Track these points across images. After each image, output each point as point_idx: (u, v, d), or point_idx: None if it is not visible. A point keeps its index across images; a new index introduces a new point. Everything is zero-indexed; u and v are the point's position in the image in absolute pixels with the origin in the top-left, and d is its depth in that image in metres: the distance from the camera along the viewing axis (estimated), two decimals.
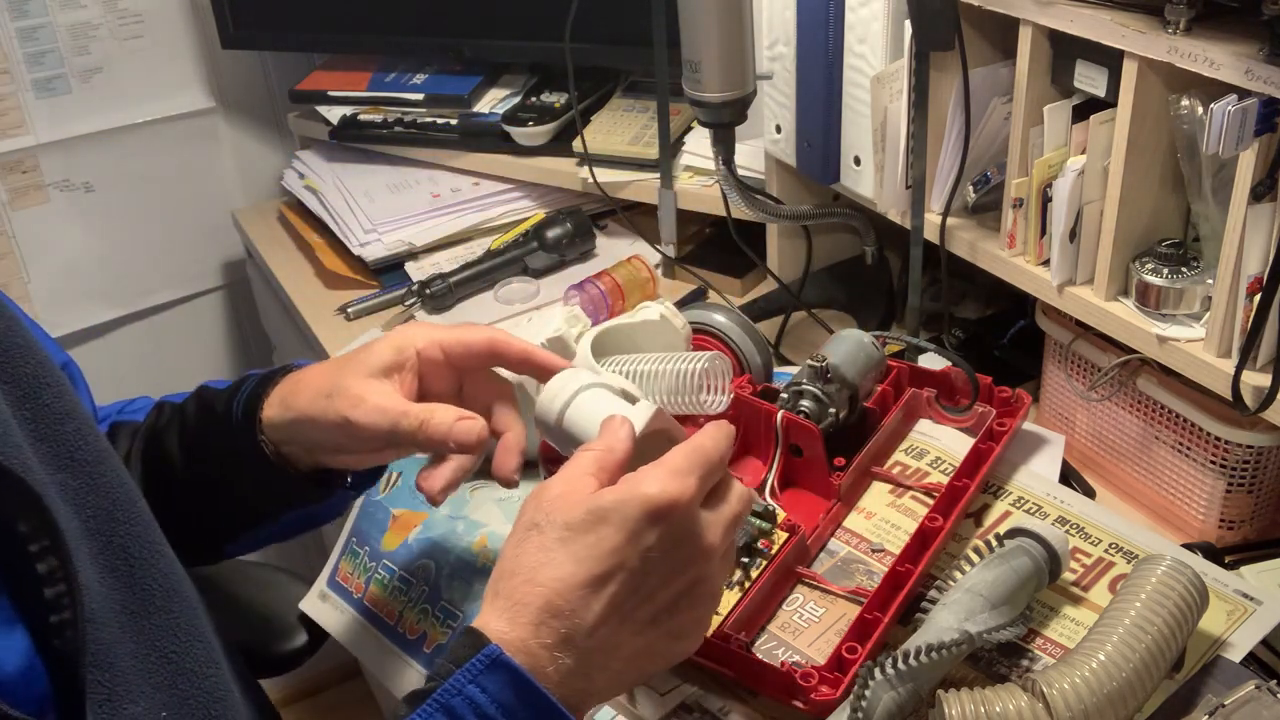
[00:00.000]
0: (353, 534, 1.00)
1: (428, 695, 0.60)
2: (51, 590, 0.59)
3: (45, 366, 0.67)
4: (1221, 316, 0.85)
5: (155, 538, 0.70)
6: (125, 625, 0.65)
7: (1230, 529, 0.95)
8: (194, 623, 0.71)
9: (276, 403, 0.80)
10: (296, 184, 1.59)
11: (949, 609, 0.77)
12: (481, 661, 0.59)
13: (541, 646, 0.60)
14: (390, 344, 0.79)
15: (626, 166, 1.40)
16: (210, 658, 0.71)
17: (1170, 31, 0.81)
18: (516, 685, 0.59)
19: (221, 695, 0.71)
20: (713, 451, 0.65)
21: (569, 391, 0.75)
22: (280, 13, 1.60)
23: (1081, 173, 0.91)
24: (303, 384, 0.79)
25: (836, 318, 1.28)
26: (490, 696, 0.58)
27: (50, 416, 0.65)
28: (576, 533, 0.61)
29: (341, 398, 0.76)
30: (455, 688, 0.59)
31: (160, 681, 0.67)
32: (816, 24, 1.07)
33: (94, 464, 0.67)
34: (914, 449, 0.98)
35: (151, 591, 0.68)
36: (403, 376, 0.78)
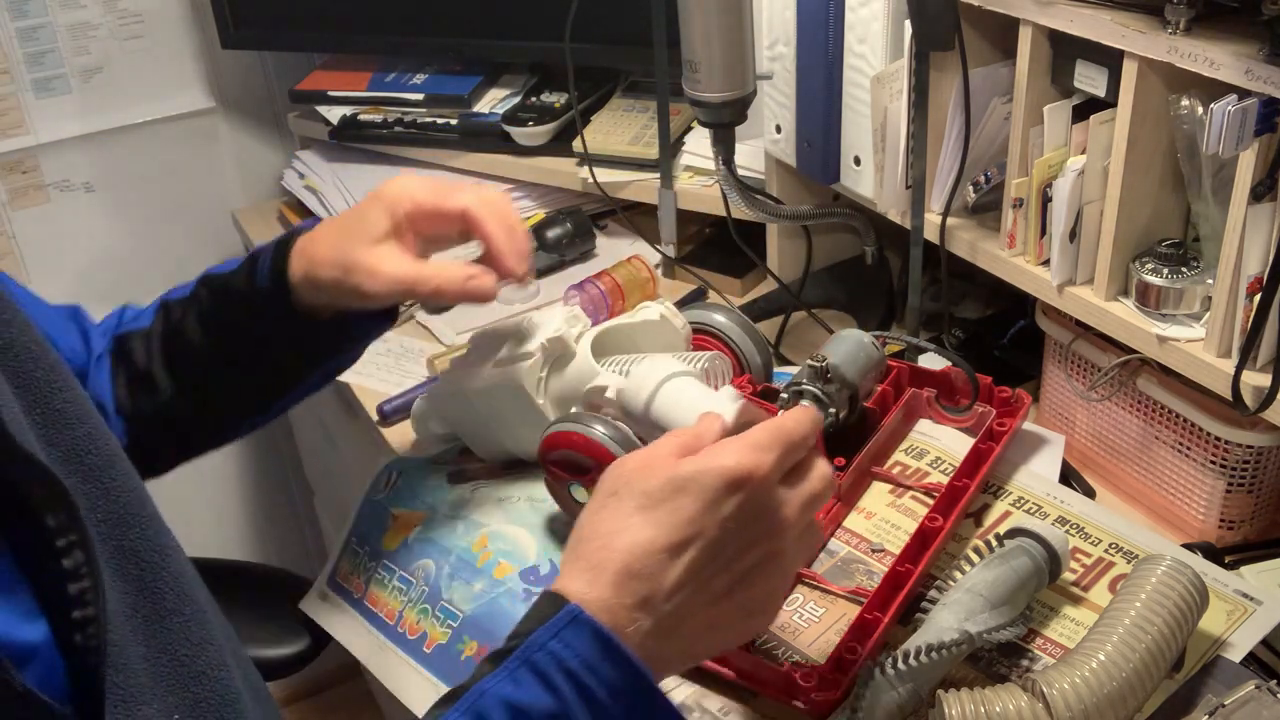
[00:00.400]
0: (353, 534, 1.00)
1: (509, 653, 0.60)
2: (76, 586, 0.60)
3: (57, 370, 0.67)
4: (1221, 316, 0.85)
5: (166, 541, 0.71)
6: (137, 628, 0.66)
7: (1230, 529, 0.95)
8: (205, 626, 0.71)
9: (300, 274, 0.86)
10: (296, 184, 1.59)
11: (949, 609, 0.77)
12: (563, 619, 0.59)
13: (621, 607, 0.60)
14: (382, 209, 0.85)
15: (626, 166, 1.40)
16: (220, 660, 0.71)
17: (1170, 31, 0.81)
18: (597, 642, 0.59)
19: (233, 698, 0.71)
20: (794, 431, 0.65)
21: (655, 379, 0.77)
22: (280, 13, 1.60)
23: (1081, 173, 0.91)
24: (319, 257, 0.85)
25: (836, 318, 1.28)
26: (573, 651, 0.58)
27: (61, 420, 0.66)
28: (655, 501, 0.62)
29: (357, 272, 0.83)
30: (537, 643, 0.59)
31: (172, 684, 0.67)
32: (816, 24, 1.07)
33: (104, 468, 0.67)
34: (914, 449, 0.98)
35: (163, 594, 0.69)
36: (403, 237, 0.85)
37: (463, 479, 1.00)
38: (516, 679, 0.59)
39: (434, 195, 0.86)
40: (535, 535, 0.92)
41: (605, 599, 0.60)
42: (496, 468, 1.01)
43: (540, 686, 0.58)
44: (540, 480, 0.90)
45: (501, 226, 0.86)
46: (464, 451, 1.04)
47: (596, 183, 1.39)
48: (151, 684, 0.65)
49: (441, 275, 0.84)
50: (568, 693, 0.58)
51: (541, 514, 0.94)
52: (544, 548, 0.91)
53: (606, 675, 0.58)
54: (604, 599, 0.60)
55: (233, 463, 1.97)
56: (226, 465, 1.97)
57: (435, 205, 0.85)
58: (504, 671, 0.59)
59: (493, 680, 0.59)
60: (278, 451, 1.99)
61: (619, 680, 0.59)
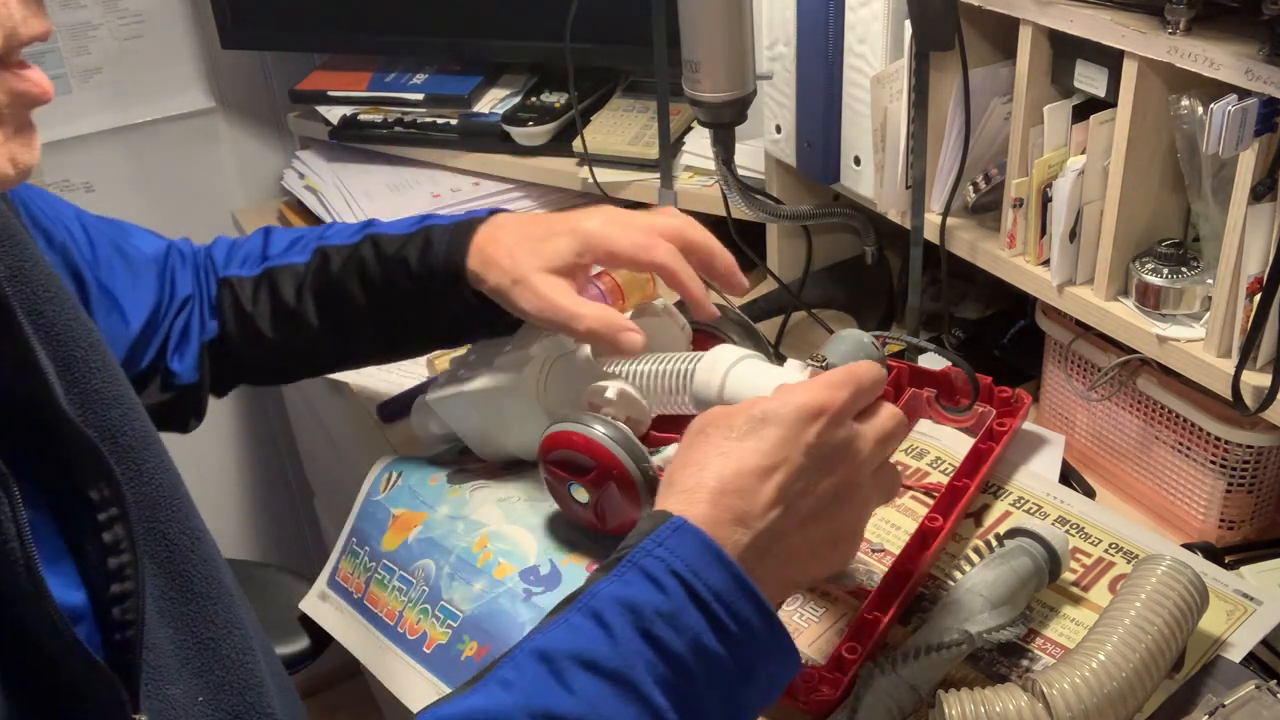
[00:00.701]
0: (353, 534, 1.00)
1: (618, 562, 0.62)
2: (116, 560, 0.63)
3: (96, 350, 0.69)
4: (1221, 316, 0.85)
5: (196, 524, 0.73)
6: (165, 610, 0.68)
7: (1230, 529, 0.95)
8: (231, 610, 0.73)
9: (473, 268, 0.90)
10: (296, 184, 1.59)
11: (949, 609, 0.77)
12: (668, 528, 0.62)
13: (719, 522, 0.63)
14: (573, 244, 0.89)
15: (626, 166, 1.40)
16: (246, 645, 0.73)
17: (1170, 31, 0.81)
18: (702, 547, 0.61)
19: (256, 683, 0.73)
20: (864, 376, 0.69)
21: (725, 364, 0.81)
22: (280, 13, 1.60)
23: (1081, 173, 0.91)
24: (495, 260, 0.89)
25: (836, 318, 1.28)
26: (679, 556, 0.61)
27: (99, 401, 0.68)
28: (741, 433, 0.66)
29: (522, 289, 0.87)
30: (645, 549, 0.61)
31: (198, 667, 0.69)
32: (816, 24, 1.07)
33: (139, 449, 0.69)
34: (914, 449, 0.98)
35: (191, 578, 0.71)
36: (578, 276, 0.90)
37: (463, 479, 1.00)
38: (627, 580, 0.60)
39: (632, 250, 0.89)
40: (535, 535, 0.92)
41: (704, 515, 0.63)
42: (496, 468, 1.01)
43: (651, 586, 0.60)
44: (540, 480, 0.90)
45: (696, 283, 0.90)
46: (464, 451, 1.04)
47: (596, 183, 1.39)
48: (178, 665, 0.67)
49: (597, 320, 0.87)
50: (676, 592, 0.60)
51: (541, 514, 0.94)
52: (544, 548, 0.91)
53: (711, 580, 0.60)
54: (703, 515, 0.63)
55: (233, 463, 1.97)
56: (227, 465, 1.97)
57: (631, 259, 0.89)
58: (615, 575, 0.61)
59: (605, 583, 0.61)
60: (278, 452, 1.99)
61: (723, 585, 0.61)
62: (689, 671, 0.59)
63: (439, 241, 0.92)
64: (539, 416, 0.93)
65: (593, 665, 0.58)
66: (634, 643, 0.59)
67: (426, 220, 0.96)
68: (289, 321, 0.97)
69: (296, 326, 0.97)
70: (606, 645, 0.58)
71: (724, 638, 0.60)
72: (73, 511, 0.63)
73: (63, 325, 0.67)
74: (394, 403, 1.18)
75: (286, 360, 1.00)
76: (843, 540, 0.69)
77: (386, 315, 0.95)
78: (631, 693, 0.58)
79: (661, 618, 0.59)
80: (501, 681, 0.58)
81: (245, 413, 1.94)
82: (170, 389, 0.95)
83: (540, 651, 0.58)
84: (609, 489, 0.84)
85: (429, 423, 1.05)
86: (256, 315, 0.97)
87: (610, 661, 0.58)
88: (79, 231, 0.90)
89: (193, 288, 0.97)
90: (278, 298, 0.96)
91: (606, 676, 0.58)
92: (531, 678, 0.58)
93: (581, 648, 0.58)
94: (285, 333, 0.97)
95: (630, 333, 0.86)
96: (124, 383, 0.71)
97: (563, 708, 0.56)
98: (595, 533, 0.90)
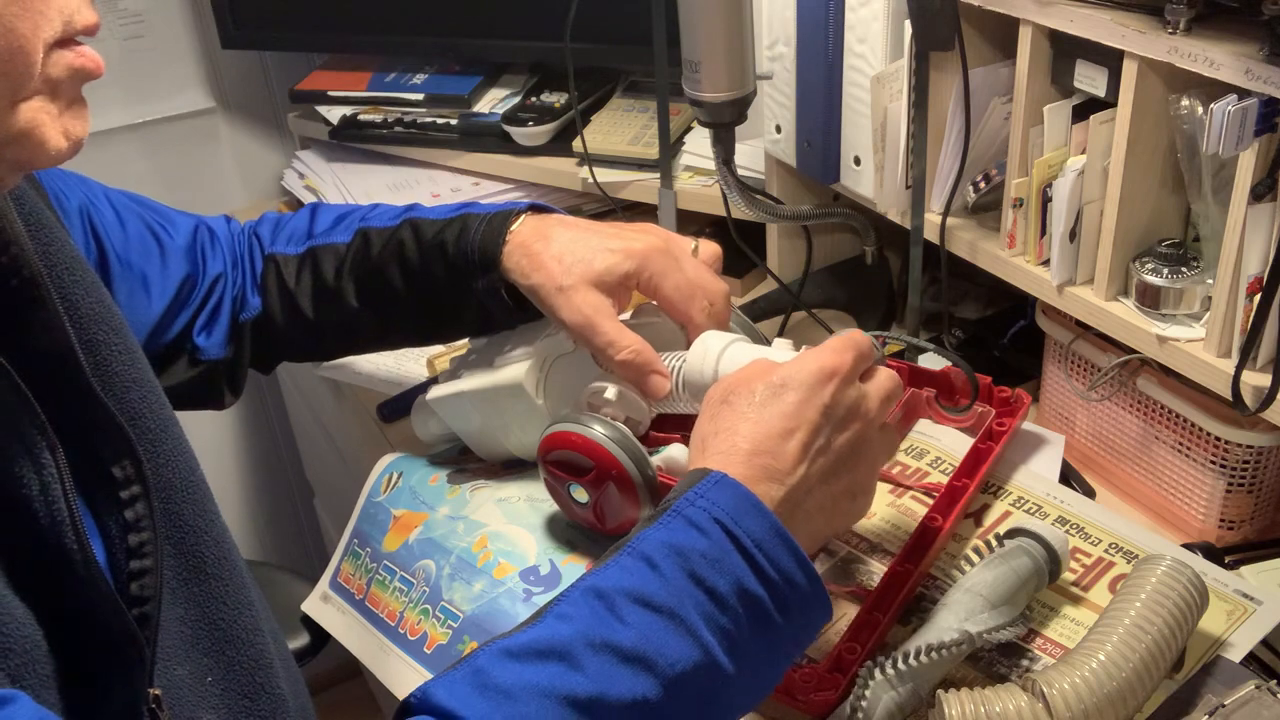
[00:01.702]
0: (354, 535, 1.00)
1: (663, 512, 0.65)
2: (136, 537, 0.65)
3: (119, 333, 0.71)
4: (1221, 316, 0.85)
5: (210, 507, 0.75)
6: (176, 590, 0.69)
7: (1230, 529, 0.95)
8: (242, 591, 0.75)
9: (512, 263, 0.90)
10: (296, 184, 1.59)
11: (949, 609, 0.77)
12: (710, 481, 0.66)
13: (754, 479, 0.67)
14: (625, 267, 0.89)
15: (626, 166, 1.40)
16: (255, 625, 0.75)
17: (1170, 31, 0.81)
18: (741, 498, 0.65)
19: (266, 663, 0.75)
20: (862, 341, 0.74)
21: (716, 350, 0.84)
22: (280, 13, 1.60)
23: (1081, 173, 0.91)
24: (541, 261, 0.89)
25: (836, 318, 1.28)
26: (720, 506, 0.65)
27: (119, 384, 0.69)
28: (765, 399, 0.70)
29: (566, 299, 0.88)
30: (689, 499, 0.65)
31: (208, 646, 0.71)
32: (816, 24, 1.07)
33: (156, 432, 0.71)
34: (914, 449, 0.98)
35: (204, 559, 0.72)
36: (620, 297, 0.90)
37: (463, 479, 1.00)
38: (672, 528, 0.64)
39: (678, 297, 0.90)
40: (535, 535, 0.92)
41: (741, 473, 0.67)
42: (496, 468, 1.01)
43: (696, 532, 0.64)
44: (540, 480, 0.90)
45: None
46: (464, 451, 1.04)
47: (596, 183, 1.39)
48: (187, 646, 0.69)
49: (632, 354, 0.87)
50: (719, 537, 0.64)
51: (541, 514, 0.94)
52: (544, 548, 0.91)
53: (750, 527, 0.64)
54: (740, 473, 0.67)
55: (233, 462, 1.97)
56: (227, 464, 1.97)
57: (670, 305, 0.91)
58: (661, 523, 0.65)
59: (652, 530, 0.65)
60: (278, 451, 1.99)
61: (762, 533, 0.64)
62: (733, 611, 0.63)
63: (475, 228, 0.93)
64: (539, 416, 0.93)
65: (645, 601, 0.61)
66: (682, 582, 0.62)
67: (466, 207, 0.97)
68: (329, 301, 0.98)
69: (336, 306, 0.98)
70: (657, 583, 0.62)
71: (765, 582, 0.64)
72: (96, 486, 0.64)
73: (86, 307, 0.69)
74: (394, 403, 1.18)
75: (326, 339, 1.01)
76: (860, 493, 0.73)
77: (423, 299, 0.96)
78: (681, 626, 0.61)
79: (706, 560, 0.63)
80: (559, 615, 0.61)
81: (245, 413, 1.94)
82: (197, 365, 0.95)
83: (595, 589, 0.62)
84: (608, 489, 0.84)
85: (429, 423, 1.05)
86: (299, 293, 0.98)
87: (661, 598, 0.61)
88: (107, 209, 0.91)
89: (224, 266, 0.98)
90: (319, 277, 0.98)
91: (657, 610, 0.61)
92: (588, 611, 0.61)
93: (634, 585, 0.62)
94: (325, 312, 0.98)
95: (659, 377, 0.87)
96: (145, 366, 0.73)
97: (618, 638, 0.60)
98: (595, 533, 0.90)
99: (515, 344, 0.95)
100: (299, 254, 0.99)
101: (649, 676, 0.59)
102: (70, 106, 0.61)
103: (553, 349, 0.94)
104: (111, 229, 0.90)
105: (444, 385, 0.99)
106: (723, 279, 0.94)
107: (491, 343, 0.99)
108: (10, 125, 0.56)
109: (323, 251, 0.98)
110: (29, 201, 0.70)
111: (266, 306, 0.99)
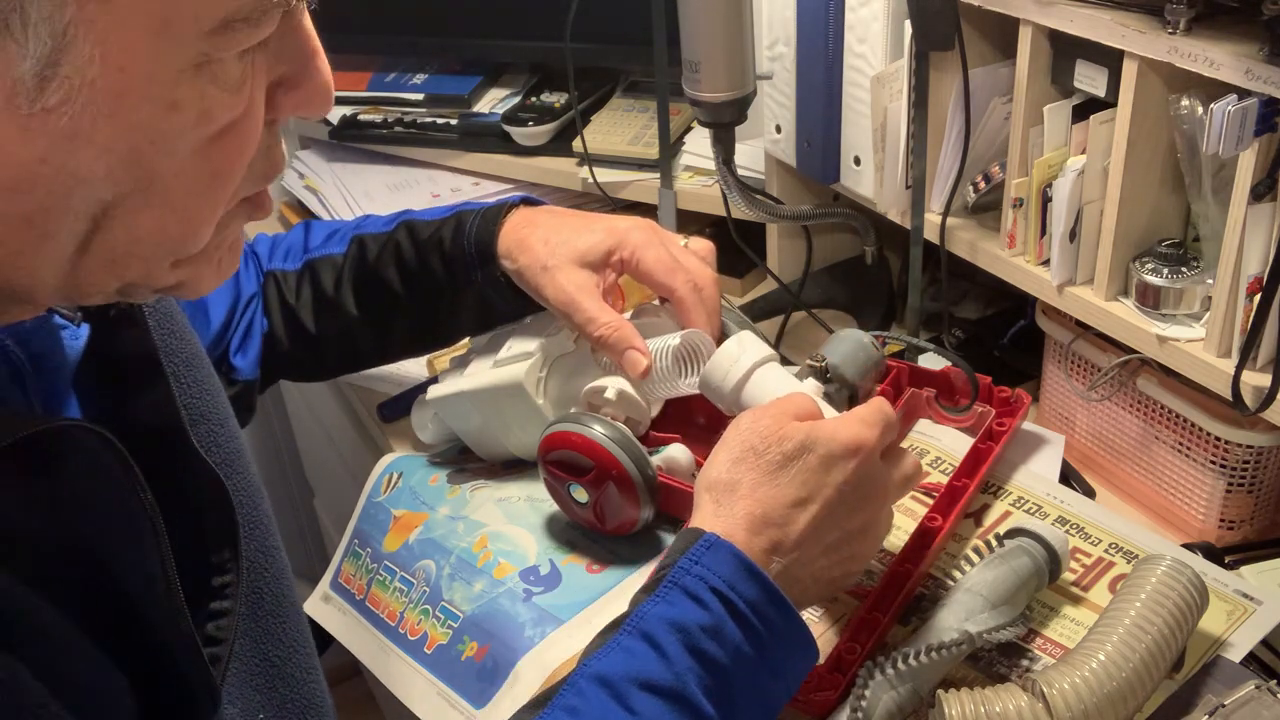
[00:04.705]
0: (355, 535, 1.00)
1: (659, 582, 0.66)
2: (220, 579, 0.64)
3: (193, 364, 0.70)
4: (1221, 316, 0.85)
5: (273, 543, 0.74)
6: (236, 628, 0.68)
7: (1230, 529, 0.95)
8: (299, 629, 0.75)
9: (504, 250, 0.92)
10: (296, 184, 1.59)
11: (949, 609, 0.77)
12: (703, 545, 0.66)
13: (759, 550, 0.67)
14: (608, 244, 0.91)
15: (626, 166, 1.40)
16: (311, 664, 0.75)
17: (1170, 31, 0.81)
18: (736, 562, 0.66)
19: (318, 702, 0.75)
20: (889, 413, 0.73)
21: (748, 363, 0.80)
22: None
23: (1081, 173, 0.91)
24: (528, 245, 0.91)
25: (836, 318, 1.28)
26: (715, 572, 0.65)
27: (193, 417, 0.68)
28: (789, 459, 0.69)
29: (550, 277, 0.89)
30: (684, 568, 0.66)
31: (261, 684, 0.70)
32: (816, 24, 1.07)
33: (227, 463, 0.70)
34: (914, 449, 0.98)
35: (262, 596, 0.72)
36: (605, 275, 0.91)
37: (463, 479, 1.00)
38: (671, 600, 0.65)
39: (658, 268, 0.90)
40: (535, 535, 0.92)
41: (745, 542, 0.67)
42: (496, 468, 1.01)
43: (693, 604, 0.64)
44: (540, 480, 0.90)
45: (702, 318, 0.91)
46: (464, 451, 1.04)
47: (596, 183, 1.39)
48: (239, 684, 0.68)
49: (610, 329, 0.88)
50: (716, 607, 0.64)
51: (541, 514, 0.94)
52: (544, 548, 0.91)
53: (747, 593, 0.65)
54: (745, 542, 0.67)
55: None
56: None
57: (651, 277, 0.91)
58: (659, 596, 0.65)
59: (650, 604, 0.65)
60: (278, 451, 1.99)
61: (759, 598, 0.65)
62: (729, 677, 0.64)
63: (470, 224, 0.94)
64: (539, 416, 0.93)
65: (650, 686, 0.62)
66: (684, 660, 0.63)
67: (460, 207, 0.98)
68: (329, 312, 0.98)
69: (336, 317, 0.98)
70: (660, 665, 0.63)
71: (757, 643, 0.65)
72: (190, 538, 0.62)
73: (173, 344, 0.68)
74: (394, 403, 1.18)
75: (326, 354, 1.01)
76: (855, 566, 0.74)
77: (421, 299, 0.97)
78: (685, 706, 0.62)
79: (706, 633, 0.64)
80: (568, 709, 0.61)
81: None
82: (234, 385, 0.95)
83: (600, 677, 0.62)
84: (608, 489, 0.84)
85: (429, 423, 1.05)
86: (299, 308, 0.98)
87: (665, 680, 0.62)
88: None
89: (256, 286, 0.99)
90: (318, 289, 0.98)
91: (663, 695, 0.62)
92: (596, 704, 0.61)
93: (638, 670, 0.62)
94: (325, 324, 0.99)
95: (636, 353, 0.87)
96: (221, 400, 0.72)
97: None
98: (595, 533, 0.90)
99: (515, 344, 0.95)
100: (297, 269, 0.99)
101: None
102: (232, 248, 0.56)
103: (553, 349, 0.94)
104: None
105: (444, 385, 0.99)
106: (722, 277, 0.94)
107: (491, 342, 0.99)
108: (167, 279, 0.53)
109: (320, 264, 0.99)
110: None
111: (270, 324, 0.99)
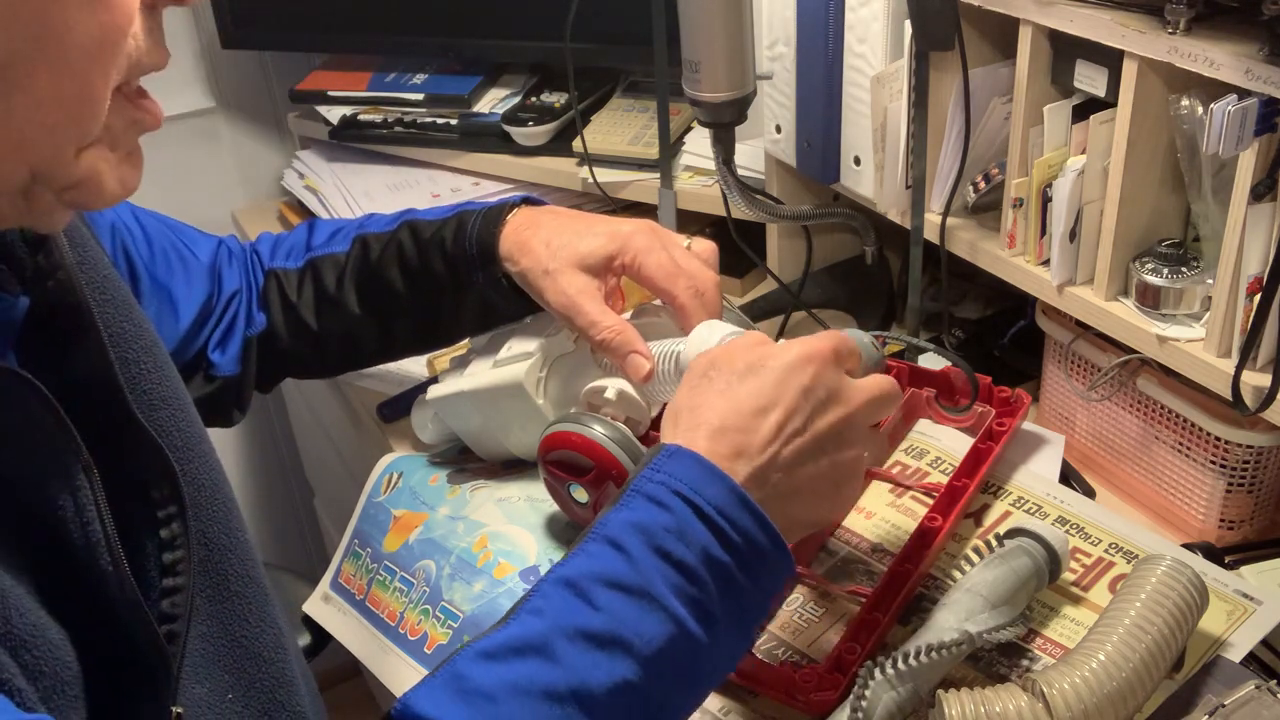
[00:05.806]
0: (355, 536, 1.00)
1: (624, 492, 0.66)
2: (170, 555, 0.65)
3: (150, 351, 0.71)
4: (1221, 316, 0.85)
5: (236, 524, 0.74)
6: (200, 608, 0.69)
7: (1230, 529, 0.95)
8: (265, 609, 0.75)
9: (505, 250, 0.92)
10: (296, 184, 1.59)
11: (949, 609, 0.77)
12: (664, 454, 0.66)
13: (717, 455, 0.66)
14: (610, 248, 0.91)
15: (626, 166, 1.40)
16: (279, 643, 0.75)
17: (1170, 31, 0.81)
18: (699, 467, 0.65)
19: (287, 681, 0.75)
20: (847, 338, 0.73)
21: (719, 335, 0.83)
22: (280, 13, 1.60)
23: (1081, 173, 0.91)
24: (529, 246, 0.91)
25: (836, 318, 1.28)
26: (677, 477, 0.65)
27: (149, 401, 0.69)
28: (742, 376, 0.69)
29: (552, 280, 0.90)
30: (646, 476, 0.65)
31: (229, 664, 0.71)
32: (816, 24, 1.07)
33: (184, 449, 0.71)
34: (914, 449, 0.98)
35: (228, 576, 0.72)
36: (606, 279, 0.91)
37: (463, 479, 1.00)
38: (633, 506, 0.64)
39: (659, 274, 0.90)
40: (535, 535, 0.92)
41: (704, 446, 0.67)
42: (496, 468, 1.01)
43: (656, 508, 0.64)
44: (540, 480, 0.90)
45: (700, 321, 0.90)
46: (464, 451, 1.04)
47: (596, 183, 1.39)
48: (207, 664, 0.69)
49: (612, 333, 0.88)
50: (680, 509, 0.64)
51: (541, 514, 0.94)
52: (544, 548, 0.91)
53: (710, 494, 0.64)
54: (703, 446, 0.67)
55: (233, 463, 1.97)
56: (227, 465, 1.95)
57: (652, 283, 0.91)
58: (622, 504, 0.65)
59: (614, 512, 0.65)
60: (278, 451, 1.99)
61: (722, 499, 0.64)
62: (701, 580, 0.63)
63: (472, 223, 0.94)
64: (539, 416, 0.93)
65: (614, 583, 0.61)
66: (649, 559, 0.62)
67: (462, 206, 0.98)
68: (331, 310, 0.99)
69: (339, 315, 0.99)
70: (624, 565, 0.62)
71: (729, 548, 0.64)
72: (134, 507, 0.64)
73: (117, 326, 0.69)
74: (394, 403, 1.18)
75: (328, 351, 1.02)
76: (844, 482, 0.72)
77: (423, 299, 0.97)
78: (652, 604, 0.61)
79: (670, 534, 0.63)
80: (532, 610, 0.61)
81: None
82: (212, 381, 0.96)
83: (564, 578, 0.62)
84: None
85: (429, 423, 1.05)
86: (301, 306, 0.99)
87: (630, 578, 0.62)
88: (135, 226, 0.92)
89: (240, 282, 0.99)
90: (320, 287, 0.99)
91: (628, 592, 0.61)
92: (559, 602, 0.61)
93: (602, 569, 0.62)
94: (328, 322, 0.99)
95: (639, 357, 0.88)
96: (178, 383, 0.73)
97: (591, 624, 0.60)
98: None
99: (515, 344, 0.95)
100: (299, 267, 1.00)
101: (627, 658, 0.60)
102: (128, 157, 0.61)
103: (553, 349, 0.94)
104: (140, 246, 0.91)
105: (444, 385, 0.99)
106: (721, 277, 0.94)
107: (491, 342, 0.99)
108: (73, 171, 0.56)
109: (323, 262, 0.99)
110: None
111: (270, 321, 0.99)
